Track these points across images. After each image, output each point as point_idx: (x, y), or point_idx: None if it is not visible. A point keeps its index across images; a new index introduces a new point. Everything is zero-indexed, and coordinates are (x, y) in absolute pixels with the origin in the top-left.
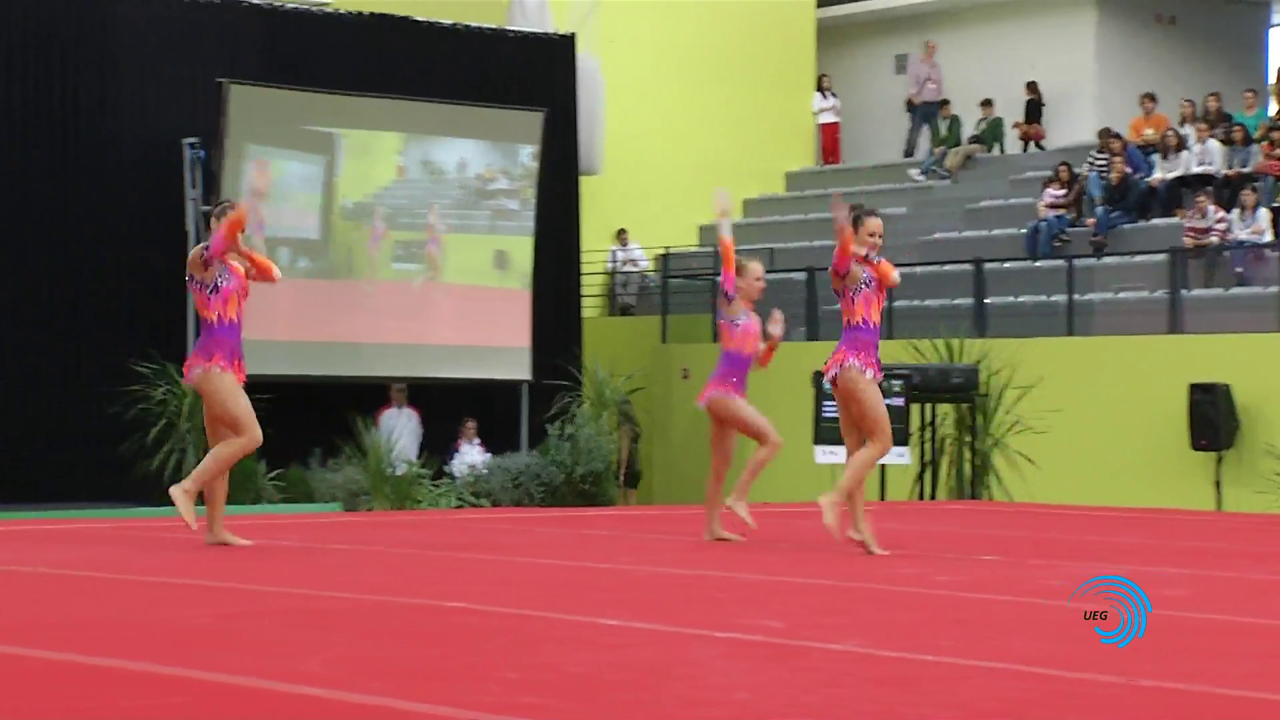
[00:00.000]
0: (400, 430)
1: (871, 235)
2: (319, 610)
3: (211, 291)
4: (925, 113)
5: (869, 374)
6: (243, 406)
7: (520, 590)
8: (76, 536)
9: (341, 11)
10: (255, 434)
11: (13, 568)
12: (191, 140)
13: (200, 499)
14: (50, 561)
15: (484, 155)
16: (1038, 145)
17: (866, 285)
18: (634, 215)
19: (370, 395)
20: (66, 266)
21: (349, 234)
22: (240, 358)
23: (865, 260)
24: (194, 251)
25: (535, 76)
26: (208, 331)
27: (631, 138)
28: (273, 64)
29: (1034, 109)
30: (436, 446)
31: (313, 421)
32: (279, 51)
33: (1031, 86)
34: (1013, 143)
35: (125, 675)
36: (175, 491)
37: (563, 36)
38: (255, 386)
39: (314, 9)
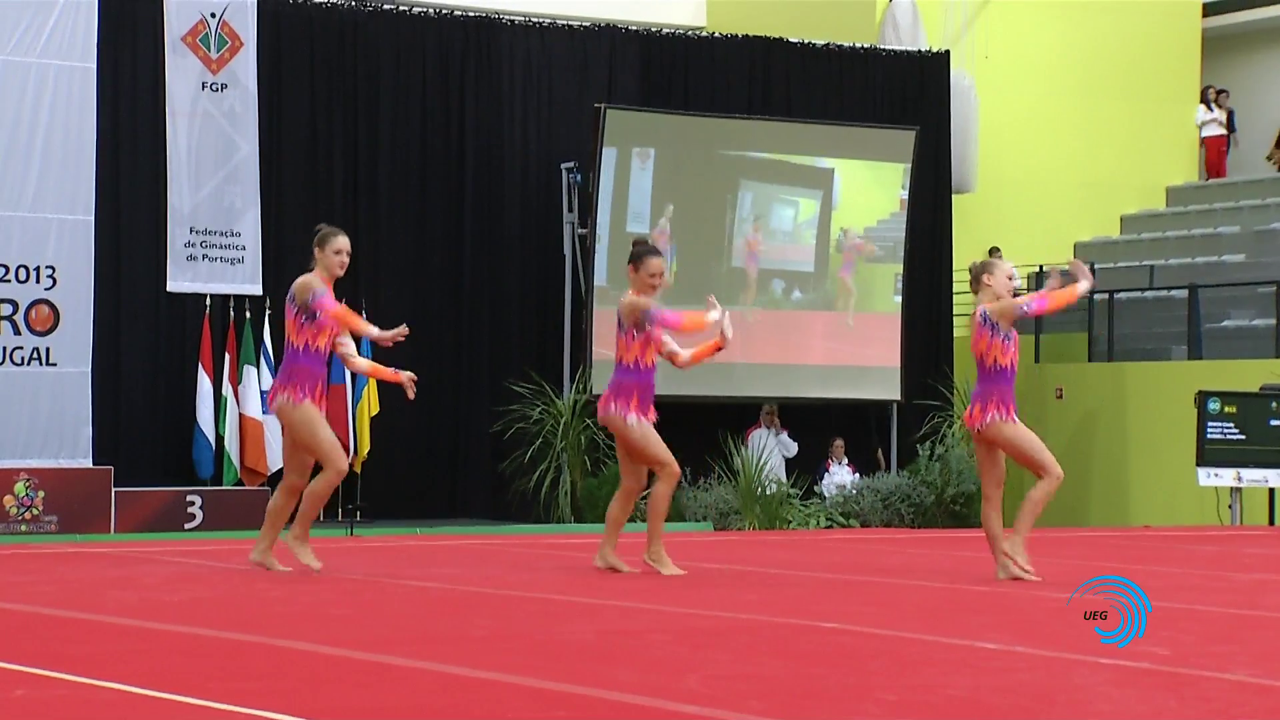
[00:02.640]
0: (770, 450)
1: (653, 276)
2: (696, 628)
3: (308, 318)
4: None
5: (631, 417)
6: (324, 438)
7: (895, 611)
8: (460, 552)
9: (716, 35)
10: (340, 464)
11: (402, 582)
12: (568, 164)
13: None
14: (436, 577)
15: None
16: None
17: (650, 326)
18: (1007, 233)
19: (740, 415)
20: (454, 287)
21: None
22: (324, 386)
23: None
24: (313, 287)
25: (908, 94)
26: (291, 357)
27: (1005, 154)
28: (649, 87)
29: None
30: (806, 466)
31: (684, 441)
32: (655, 75)
33: None
34: None
35: (510, 689)
36: (288, 541)
37: (936, 54)
38: None
39: (689, 33)
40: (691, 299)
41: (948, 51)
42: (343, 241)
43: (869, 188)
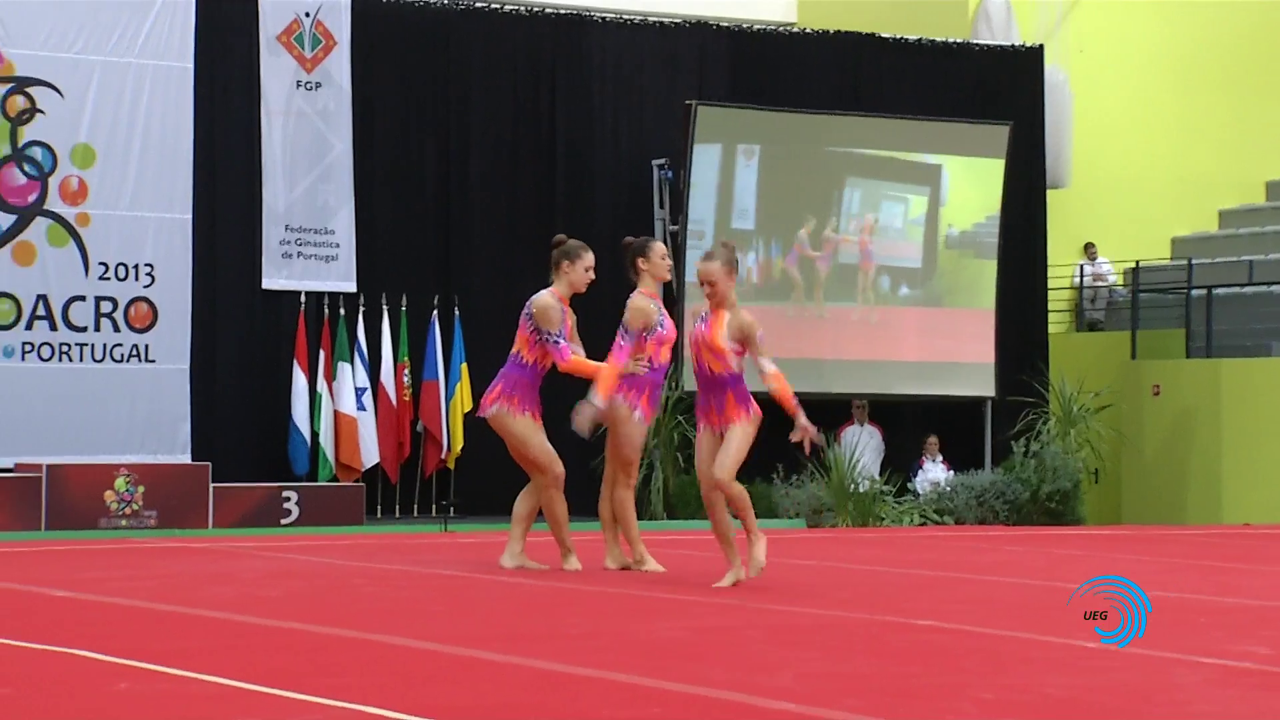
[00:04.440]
0: (862, 447)
1: (664, 259)
2: (789, 625)
3: (552, 343)
4: None
5: (638, 413)
6: (539, 447)
7: (991, 609)
8: (553, 549)
9: (808, 31)
10: (557, 470)
11: (496, 578)
12: (659, 161)
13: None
14: (529, 573)
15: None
16: None
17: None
18: (1103, 228)
19: (833, 411)
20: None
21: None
22: (540, 399)
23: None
24: (555, 322)
25: (1001, 89)
26: (520, 369)
27: (1100, 149)
28: (739, 84)
29: None
30: (899, 463)
31: (777, 438)
32: (746, 72)
33: None
34: None
35: (603, 685)
36: (568, 567)
37: (1030, 48)
38: None
39: (780, 29)
40: (792, 296)
41: (1041, 46)
42: (592, 258)
43: (973, 184)
